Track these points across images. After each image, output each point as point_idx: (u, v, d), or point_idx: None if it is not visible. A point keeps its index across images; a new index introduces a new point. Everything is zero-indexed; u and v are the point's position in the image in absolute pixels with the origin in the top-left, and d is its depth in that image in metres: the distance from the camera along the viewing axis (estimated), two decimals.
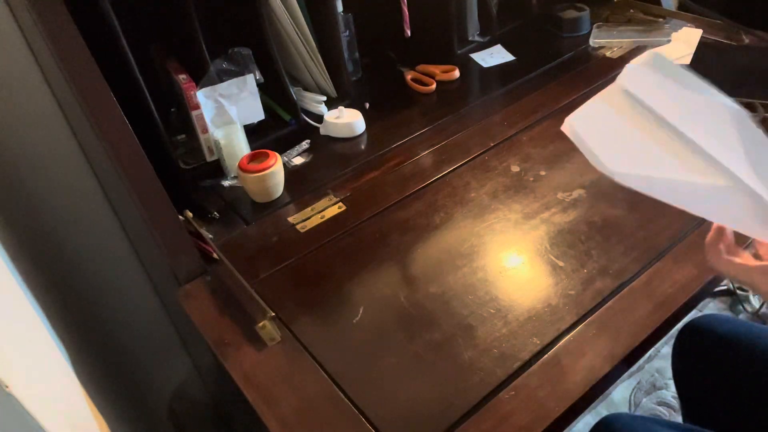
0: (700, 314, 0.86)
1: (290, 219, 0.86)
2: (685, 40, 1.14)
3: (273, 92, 1.05)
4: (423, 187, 0.88)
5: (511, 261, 0.74)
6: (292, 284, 0.75)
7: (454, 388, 0.60)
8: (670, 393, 1.41)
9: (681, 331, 0.86)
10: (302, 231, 0.83)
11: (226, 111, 0.92)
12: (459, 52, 1.22)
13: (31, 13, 0.62)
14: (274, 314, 0.67)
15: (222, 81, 0.92)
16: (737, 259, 0.56)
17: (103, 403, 0.79)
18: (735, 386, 0.78)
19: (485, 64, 1.19)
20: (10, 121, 0.94)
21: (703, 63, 1.07)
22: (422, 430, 0.57)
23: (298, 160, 0.98)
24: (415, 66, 1.18)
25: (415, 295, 0.70)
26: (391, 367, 0.63)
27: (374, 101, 1.11)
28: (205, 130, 0.92)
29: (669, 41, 1.16)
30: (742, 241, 0.61)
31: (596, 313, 0.66)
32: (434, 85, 1.12)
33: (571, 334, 0.64)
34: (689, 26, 1.20)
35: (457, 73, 1.15)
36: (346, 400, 0.60)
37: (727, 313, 1.51)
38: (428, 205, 0.84)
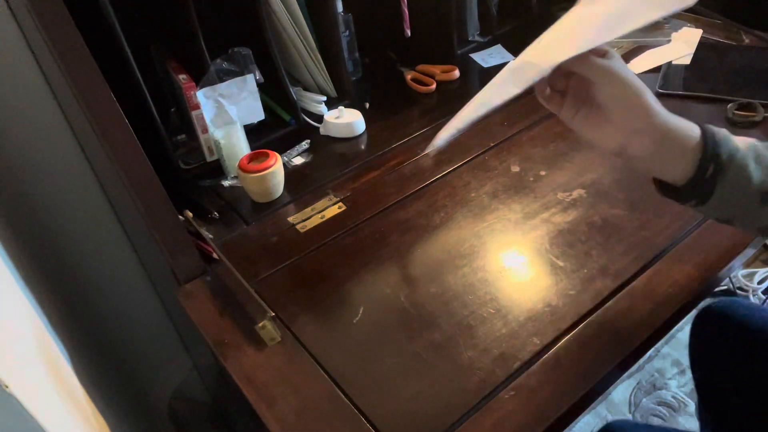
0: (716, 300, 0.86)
1: (290, 219, 0.86)
2: (685, 40, 1.14)
3: (273, 92, 1.05)
4: (423, 187, 0.88)
5: (511, 261, 0.74)
6: (292, 284, 0.75)
7: (454, 388, 0.60)
8: (670, 393, 1.41)
9: (699, 314, 0.86)
10: (302, 231, 0.83)
11: (226, 111, 0.92)
12: (459, 52, 1.21)
13: (31, 13, 0.62)
14: (274, 314, 0.67)
15: (222, 81, 0.92)
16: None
17: (103, 403, 0.79)
18: (746, 370, 0.78)
19: (485, 64, 1.19)
20: (11, 122, 0.94)
21: (703, 63, 1.07)
22: (422, 430, 0.57)
23: (298, 160, 0.98)
24: (415, 66, 1.18)
25: (415, 295, 0.70)
26: (391, 367, 0.63)
27: (374, 101, 1.11)
28: (205, 130, 0.93)
29: (669, 41, 1.16)
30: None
31: (596, 313, 0.66)
32: (434, 85, 1.12)
33: (571, 334, 0.64)
34: (689, 26, 1.20)
35: (457, 73, 1.15)
36: (346, 400, 0.60)
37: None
38: (428, 205, 0.84)
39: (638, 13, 0.53)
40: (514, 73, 0.54)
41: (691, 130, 0.54)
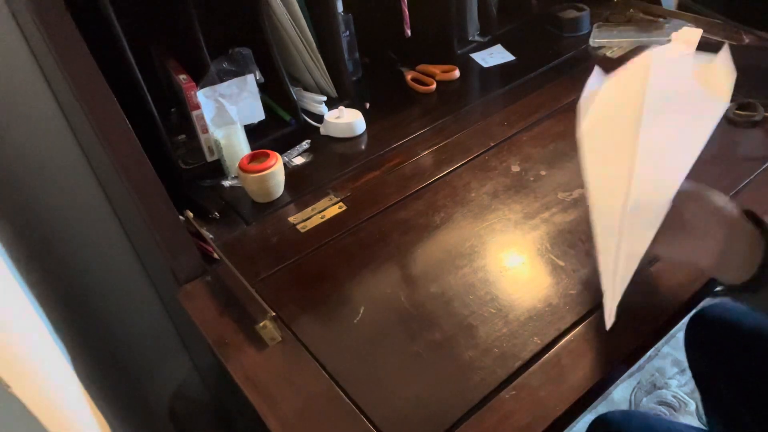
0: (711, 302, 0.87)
1: (291, 219, 0.86)
2: (685, 39, 1.14)
3: (273, 92, 1.05)
4: (423, 187, 0.88)
5: (511, 261, 0.74)
6: (293, 284, 0.75)
7: (454, 388, 0.60)
8: (670, 392, 1.42)
9: (691, 320, 0.87)
10: (303, 231, 0.83)
11: (227, 111, 0.92)
12: (459, 52, 1.22)
13: (32, 13, 0.62)
14: (274, 314, 0.67)
15: (222, 81, 0.92)
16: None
17: (103, 403, 0.79)
18: (742, 371, 0.79)
19: (485, 64, 1.19)
20: (11, 122, 0.94)
21: None
22: (423, 430, 0.57)
23: (299, 160, 0.98)
24: (415, 66, 1.18)
25: (416, 295, 0.70)
26: (391, 367, 0.63)
27: (374, 101, 1.11)
28: (206, 130, 0.92)
29: (669, 41, 1.16)
30: None
31: (597, 312, 0.66)
32: (434, 85, 1.12)
33: (572, 333, 0.64)
34: (689, 26, 1.20)
35: (457, 73, 1.15)
36: (346, 399, 0.60)
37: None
38: (428, 205, 0.84)
39: (701, 126, 0.56)
40: (640, 218, 0.54)
41: (756, 231, 0.56)
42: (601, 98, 0.67)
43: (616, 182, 0.56)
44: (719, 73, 0.61)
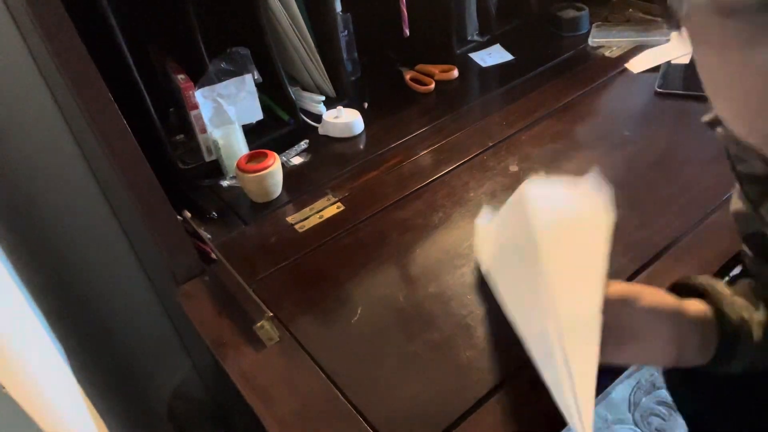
0: None
1: (289, 219, 0.85)
2: (684, 39, 1.14)
3: (271, 92, 1.04)
4: (422, 187, 0.88)
5: None
6: (291, 284, 0.75)
7: (453, 388, 0.60)
8: None
9: None
10: (301, 231, 0.83)
11: (225, 111, 0.92)
12: (458, 51, 1.21)
13: (29, 13, 0.62)
14: (272, 314, 0.67)
15: (220, 81, 0.92)
16: None
17: (102, 403, 0.79)
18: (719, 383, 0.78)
19: (484, 64, 1.19)
20: (9, 122, 0.94)
21: None
22: (421, 430, 0.57)
23: (297, 160, 0.98)
24: (413, 66, 1.18)
25: (414, 295, 0.70)
26: (389, 367, 0.63)
27: (373, 101, 1.11)
28: (204, 130, 0.92)
29: (668, 41, 1.16)
30: None
31: None
32: (433, 85, 1.12)
33: None
34: None
35: (455, 73, 1.15)
36: (344, 400, 0.60)
37: None
38: (427, 205, 0.84)
39: (599, 233, 0.57)
40: (577, 337, 0.51)
41: (701, 306, 0.54)
42: (494, 234, 0.70)
43: (539, 310, 0.54)
44: (594, 194, 0.62)
